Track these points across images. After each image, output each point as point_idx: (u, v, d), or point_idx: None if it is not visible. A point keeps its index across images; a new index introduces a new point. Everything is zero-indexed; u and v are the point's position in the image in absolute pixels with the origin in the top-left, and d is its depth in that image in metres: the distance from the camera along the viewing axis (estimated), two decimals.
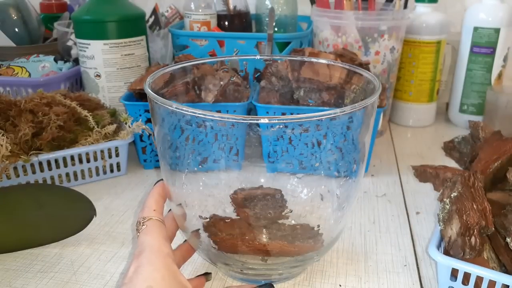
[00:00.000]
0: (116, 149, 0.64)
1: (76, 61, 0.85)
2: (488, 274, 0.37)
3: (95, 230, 0.52)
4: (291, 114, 0.58)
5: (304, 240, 0.42)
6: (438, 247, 0.40)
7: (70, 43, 0.90)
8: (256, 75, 0.64)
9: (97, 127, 0.63)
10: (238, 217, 0.43)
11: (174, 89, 0.50)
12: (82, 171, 0.63)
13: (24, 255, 0.48)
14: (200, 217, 0.42)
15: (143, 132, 0.64)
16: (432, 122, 0.88)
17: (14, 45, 0.93)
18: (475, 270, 0.37)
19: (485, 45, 0.79)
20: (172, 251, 0.35)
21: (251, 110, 0.61)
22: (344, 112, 0.33)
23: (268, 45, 0.75)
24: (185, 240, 0.44)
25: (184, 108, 0.33)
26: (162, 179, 0.41)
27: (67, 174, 0.62)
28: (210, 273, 0.43)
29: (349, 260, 0.47)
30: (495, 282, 0.36)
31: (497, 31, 0.78)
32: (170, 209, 0.43)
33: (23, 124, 0.57)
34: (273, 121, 0.34)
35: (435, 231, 0.42)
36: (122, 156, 0.65)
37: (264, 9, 0.89)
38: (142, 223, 0.35)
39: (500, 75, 0.81)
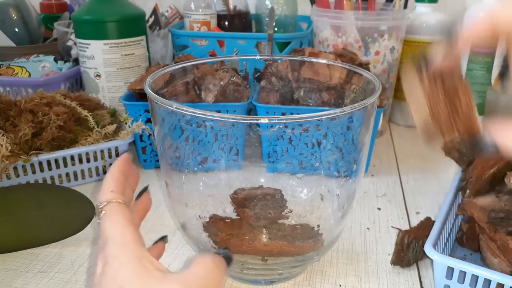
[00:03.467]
0: (116, 149, 0.64)
1: (76, 61, 0.85)
2: (483, 272, 0.37)
3: (95, 230, 0.52)
4: (291, 114, 0.58)
5: (304, 240, 0.42)
6: (435, 245, 0.40)
7: (70, 43, 0.90)
8: (256, 75, 0.64)
9: (97, 127, 0.63)
10: (238, 217, 0.43)
11: (174, 89, 0.50)
12: (82, 171, 0.63)
13: (24, 255, 0.48)
14: (200, 217, 0.42)
15: (143, 132, 0.64)
16: None
17: (14, 45, 0.93)
18: (470, 268, 0.37)
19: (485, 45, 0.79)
20: (132, 216, 0.31)
21: (251, 110, 0.61)
22: (344, 112, 0.33)
23: (268, 45, 0.76)
24: (140, 193, 0.37)
25: (184, 108, 0.33)
26: (127, 151, 0.36)
27: (67, 174, 0.62)
28: (166, 236, 0.38)
29: (349, 260, 0.47)
30: (490, 280, 0.37)
31: None
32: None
33: (23, 124, 0.57)
34: (273, 121, 0.34)
35: (432, 229, 0.42)
36: None
37: (264, 9, 0.89)
38: (100, 208, 0.31)
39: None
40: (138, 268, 0.27)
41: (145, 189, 0.37)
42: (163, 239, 0.37)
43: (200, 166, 0.43)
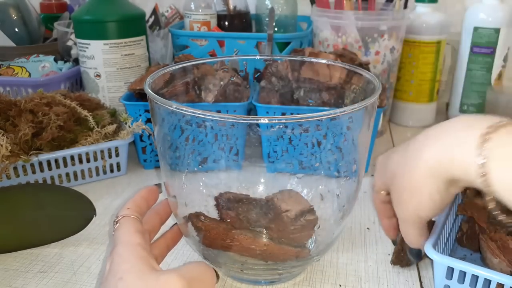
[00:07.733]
0: (116, 149, 0.64)
1: (76, 61, 0.85)
2: (483, 272, 0.37)
3: (95, 230, 0.52)
4: (291, 114, 0.58)
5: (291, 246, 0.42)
6: (435, 245, 0.40)
7: (70, 43, 0.90)
8: (256, 75, 0.64)
9: (97, 127, 0.63)
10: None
11: (174, 89, 0.50)
12: (82, 171, 0.63)
13: (24, 255, 0.48)
14: None
15: (143, 132, 0.64)
16: (432, 122, 0.88)
17: (14, 45, 0.93)
18: (470, 268, 0.37)
19: (485, 45, 0.79)
20: (150, 243, 0.36)
21: (251, 110, 0.61)
22: (344, 112, 0.33)
23: (268, 45, 0.75)
24: (172, 226, 0.43)
25: (184, 108, 0.33)
26: (158, 184, 0.40)
27: (67, 174, 0.61)
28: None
29: (349, 260, 0.47)
30: (490, 280, 0.37)
31: (497, 31, 0.78)
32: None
33: (23, 124, 0.57)
34: (273, 121, 0.34)
35: (432, 230, 0.42)
36: (122, 156, 0.65)
37: (264, 9, 0.89)
38: (116, 221, 0.35)
39: (500, 75, 0.81)
40: (139, 265, 0.31)
41: (176, 224, 0.43)
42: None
43: (200, 166, 0.43)
